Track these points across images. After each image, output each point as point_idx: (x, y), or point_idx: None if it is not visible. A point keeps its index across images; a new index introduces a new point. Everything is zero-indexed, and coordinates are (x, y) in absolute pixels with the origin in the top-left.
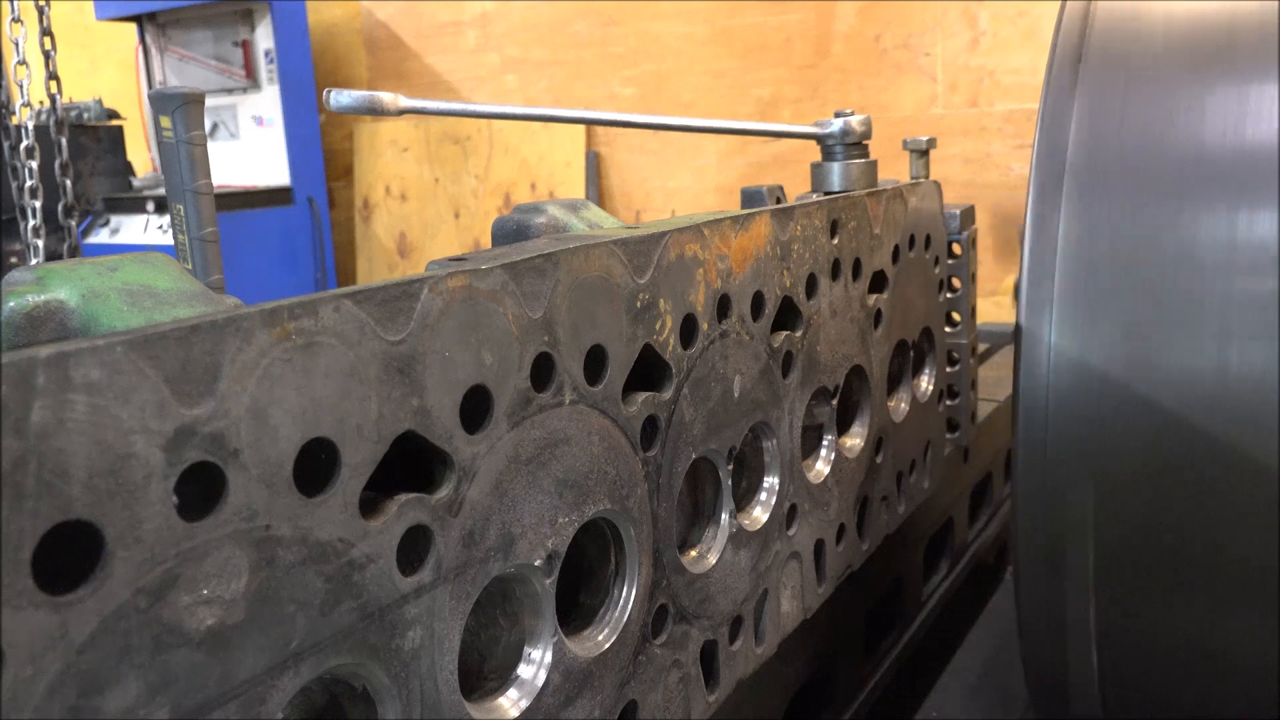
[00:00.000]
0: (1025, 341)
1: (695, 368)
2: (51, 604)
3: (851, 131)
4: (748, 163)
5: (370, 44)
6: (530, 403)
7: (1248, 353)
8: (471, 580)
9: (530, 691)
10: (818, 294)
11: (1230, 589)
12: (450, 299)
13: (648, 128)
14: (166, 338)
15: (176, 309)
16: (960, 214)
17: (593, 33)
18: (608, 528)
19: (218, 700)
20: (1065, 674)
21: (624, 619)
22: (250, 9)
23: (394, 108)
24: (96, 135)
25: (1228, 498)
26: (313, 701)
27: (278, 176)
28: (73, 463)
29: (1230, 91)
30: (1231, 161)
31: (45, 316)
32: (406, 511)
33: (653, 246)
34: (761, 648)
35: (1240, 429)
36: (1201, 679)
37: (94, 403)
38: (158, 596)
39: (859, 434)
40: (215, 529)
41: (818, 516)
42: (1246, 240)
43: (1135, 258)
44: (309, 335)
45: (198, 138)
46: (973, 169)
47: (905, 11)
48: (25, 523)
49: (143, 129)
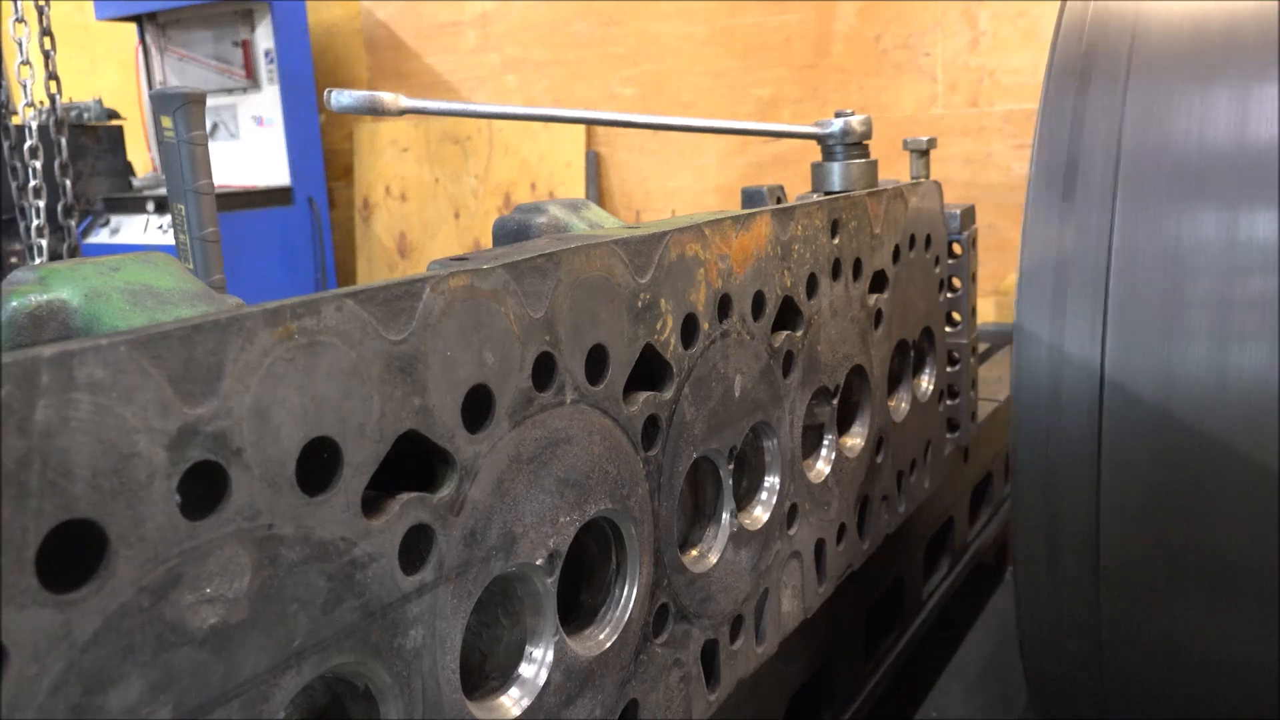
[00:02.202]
0: (1025, 341)
1: (696, 367)
2: (55, 603)
3: (852, 131)
4: (748, 163)
5: (370, 44)
6: (532, 402)
7: (1246, 353)
8: (473, 579)
9: (532, 690)
10: (818, 294)
11: (1230, 589)
12: (452, 299)
13: (648, 128)
14: (170, 337)
15: (179, 309)
16: (960, 214)
17: (593, 33)
18: (609, 527)
19: (220, 699)
20: (1065, 674)
21: (625, 618)
22: (250, 9)
23: (395, 108)
24: (96, 135)
25: (1227, 498)
26: (315, 700)
27: (278, 176)
28: (76, 462)
29: (1230, 92)
30: (1231, 161)
31: (48, 316)
32: (408, 511)
33: (654, 246)
34: (762, 647)
35: (1239, 429)
36: (1201, 679)
37: (97, 402)
38: (161, 595)
39: (859, 434)
40: (218, 528)
41: (818, 516)
42: (1246, 240)
43: (1134, 257)
44: (311, 335)
45: (199, 138)
46: (973, 169)
47: (905, 11)
48: (29, 521)
49: (143, 129)
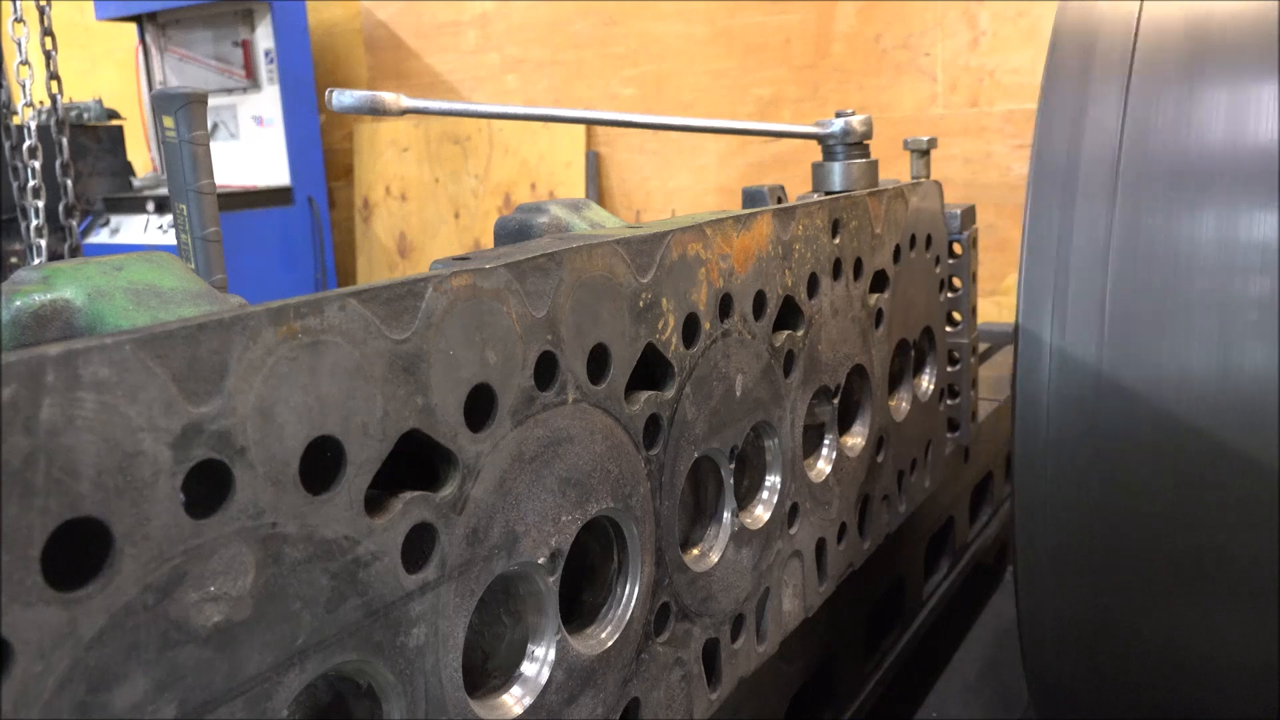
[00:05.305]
0: (1025, 341)
1: (697, 367)
2: (60, 600)
3: (852, 131)
4: (748, 163)
5: (370, 44)
6: (534, 401)
7: (1247, 353)
8: (475, 578)
9: (534, 689)
10: (819, 293)
11: (1230, 589)
12: (454, 298)
13: (648, 128)
14: (174, 336)
15: (182, 308)
16: (961, 214)
17: (593, 33)
18: (610, 526)
19: (224, 697)
20: (1065, 674)
21: (627, 617)
22: (250, 9)
23: (396, 108)
24: (96, 135)
25: (1227, 497)
26: (318, 699)
27: (278, 176)
28: (81, 460)
29: (1230, 91)
30: (1231, 161)
31: (51, 315)
32: (411, 509)
33: (655, 246)
34: (763, 646)
35: (1239, 429)
36: (1201, 679)
37: (103, 401)
38: (165, 593)
39: (860, 433)
40: (222, 526)
41: (819, 515)
42: (1246, 240)
43: (1134, 257)
44: (315, 334)
45: (200, 137)
46: (973, 169)
47: (905, 11)
48: (35, 520)
49: (143, 129)
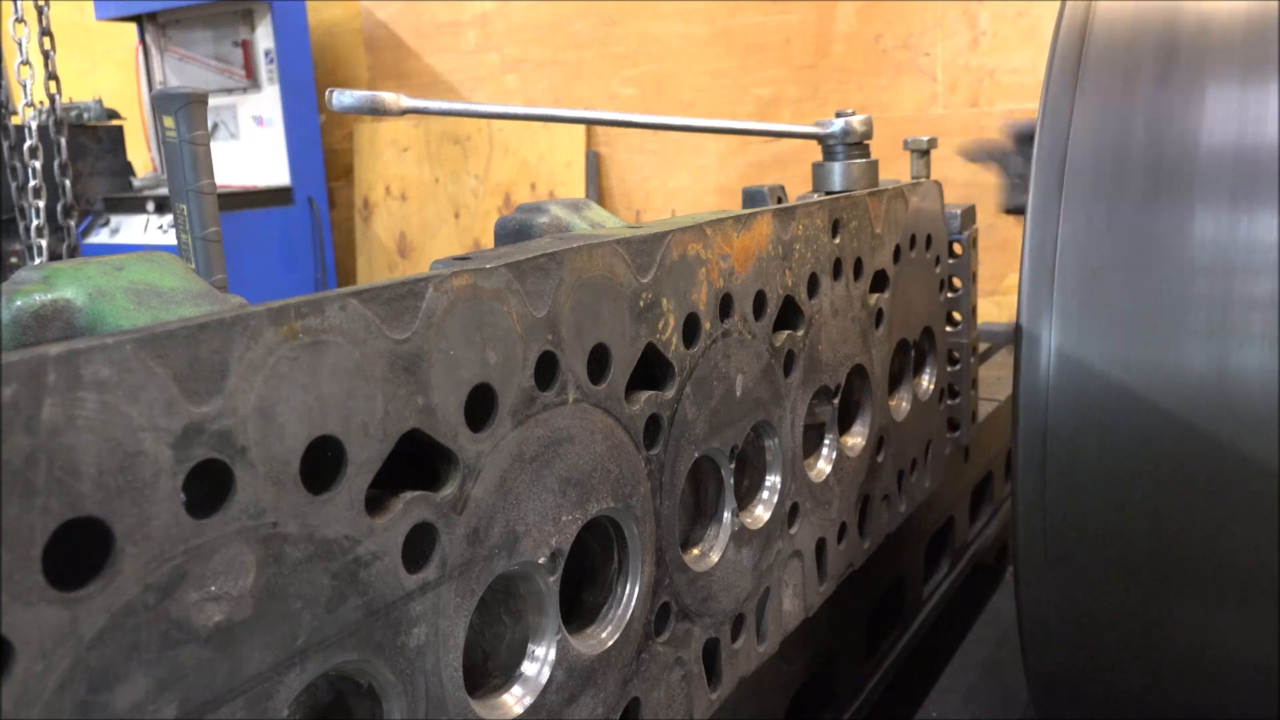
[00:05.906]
0: (1025, 341)
1: (698, 367)
2: (62, 600)
3: (852, 131)
4: (748, 163)
5: (370, 44)
6: (534, 401)
7: (1247, 353)
8: (476, 577)
9: (534, 688)
10: (819, 293)
11: (1229, 589)
12: (455, 298)
13: (648, 128)
14: (175, 336)
15: (183, 308)
16: (961, 214)
17: (593, 33)
18: (611, 526)
19: (225, 696)
20: (1065, 674)
21: (627, 617)
22: (250, 9)
23: (396, 108)
24: (96, 135)
25: (1227, 497)
26: (318, 698)
27: (278, 176)
28: (83, 460)
29: (1230, 91)
30: (1231, 161)
31: (52, 315)
32: (412, 509)
33: (656, 246)
34: (763, 646)
35: (1240, 429)
36: (1201, 679)
37: (104, 400)
38: (166, 593)
39: (860, 433)
40: (223, 526)
41: (819, 515)
42: (1246, 240)
43: (1135, 257)
44: (315, 334)
45: (201, 138)
46: (973, 169)
47: (905, 11)
48: (36, 519)
49: (143, 129)
